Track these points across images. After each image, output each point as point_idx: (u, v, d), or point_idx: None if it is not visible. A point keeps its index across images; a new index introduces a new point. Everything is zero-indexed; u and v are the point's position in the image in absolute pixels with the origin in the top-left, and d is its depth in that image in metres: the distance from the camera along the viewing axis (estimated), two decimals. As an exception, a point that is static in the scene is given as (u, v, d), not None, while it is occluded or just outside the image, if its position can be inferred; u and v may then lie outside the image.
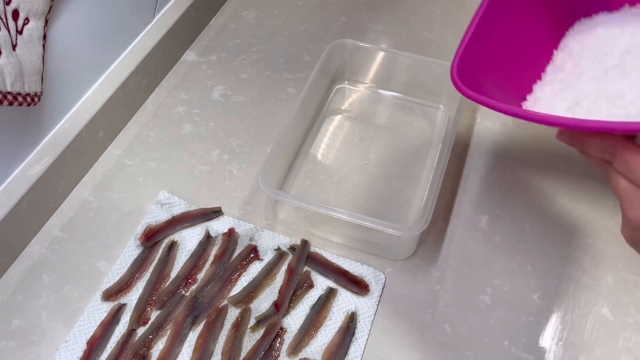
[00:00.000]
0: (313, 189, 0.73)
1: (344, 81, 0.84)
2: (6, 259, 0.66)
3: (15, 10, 0.56)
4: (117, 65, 0.77)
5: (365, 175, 0.74)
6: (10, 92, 0.57)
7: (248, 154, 0.77)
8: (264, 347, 0.60)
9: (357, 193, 0.72)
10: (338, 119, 0.80)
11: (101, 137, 0.75)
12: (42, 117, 0.67)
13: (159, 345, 0.61)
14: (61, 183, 0.71)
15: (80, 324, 0.62)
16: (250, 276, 0.66)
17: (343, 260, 0.66)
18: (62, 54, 0.66)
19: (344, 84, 0.84)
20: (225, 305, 0.63)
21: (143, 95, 0.82)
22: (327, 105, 0.82)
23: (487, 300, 0.64)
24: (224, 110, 0.82)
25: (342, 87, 0.84)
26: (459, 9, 0.95)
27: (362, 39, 0.90)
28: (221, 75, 0.86)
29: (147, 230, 0.68)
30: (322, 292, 0.64)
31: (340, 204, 0.69)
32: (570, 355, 0.60)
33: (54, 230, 0.69)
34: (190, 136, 0.79)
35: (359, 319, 0.62)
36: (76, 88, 0.72)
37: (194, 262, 0.66)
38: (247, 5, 0.97)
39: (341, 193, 0.72)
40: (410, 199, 0.71)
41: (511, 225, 0.70)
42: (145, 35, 0.81)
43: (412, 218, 0.70)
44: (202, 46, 0.90)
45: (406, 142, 0.77)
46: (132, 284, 0.65)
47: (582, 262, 0.66)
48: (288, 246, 0.68)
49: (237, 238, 0.68)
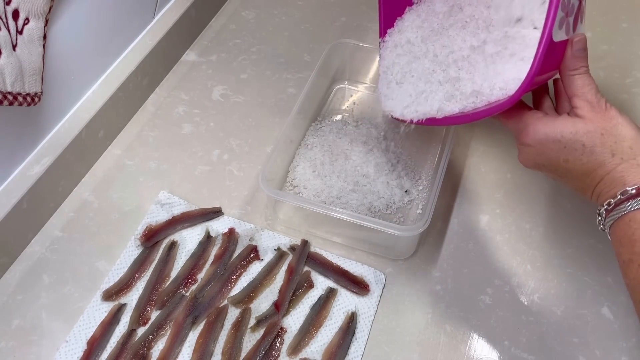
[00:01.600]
0: None
1: (344, 81, 0.84)
2: (6, 259, 0.66)
3: (15, 10, 0.56)
4: (117, 65, 0.77)
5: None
6: (10, 92, 0.57)
7: (248, 154, 0.77)
8: (264, 347, 0.60)
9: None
10: (338, 118, 0.79)
11: (101, 137, 0.75)
12: (42, 117, 0.67)
13: (159, 345, 0.61)
14: (61, 183, 0.71)
15: (80, 324, 0.62)
16: (250, 276, 0.66)
17: (343, 260, 0.66)
18: (62, 54, 0.66)
19: (344, 84, 0.84)
20: (226, 305, 0.63)
21: (143, 95, 0.82)
22: (327, 105, 0.82)
23: (487, 300, 0.64)
24: (224, 110, 0.82)
25: (342, 87, 0.84)
26: (459, 9, 0.95)
27: (362, 39, 0.90)
28: (221, 75, 0.86)
29: (147, 230, 0.68)
30: (322, 292, 0.64)
31: (341, 204, 0.69)
32: (570, 355, 0.60)
33: (54, 230, 0.69)
34: (190, 136, 0.79)
35: (359, 319, 0.62)
36: (76, 88, 0.72)
37: (194, 262, 0.66)
38: (247, 5, 0.96)
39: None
40: (411, 198, 0.71)
41: (511, 225, 0.70)
42: (145, 35, 0.81)
43: (412, 218, 0.70)
44: (202, 46, 0.90)
45: (407, 142, 0.77)
46: (132, 284, 0.65)
47: (582, 262, 0.66)
48: (288, 246, 0.68)
49: (237, 238, 0.68)
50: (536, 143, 0.52)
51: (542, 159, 0.53)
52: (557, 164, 0.52)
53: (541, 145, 0.52)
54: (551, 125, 0.51)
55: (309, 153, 0.74)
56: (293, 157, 0.75)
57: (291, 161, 0.74)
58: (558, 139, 0.51)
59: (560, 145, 0.51)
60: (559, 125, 0.51)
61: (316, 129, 0.78)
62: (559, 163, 0.52)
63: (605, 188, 0.50)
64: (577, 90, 0.51)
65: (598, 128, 0.50)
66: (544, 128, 0.52)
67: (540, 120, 0.52)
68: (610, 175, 0.50)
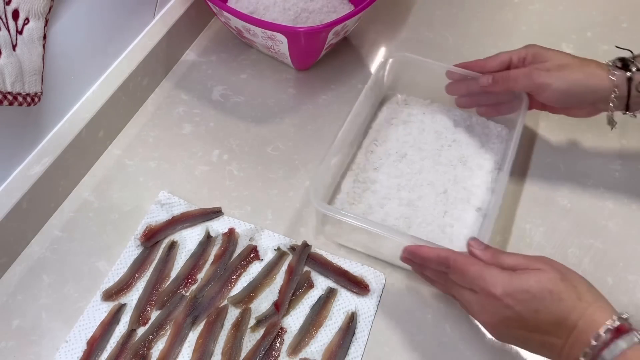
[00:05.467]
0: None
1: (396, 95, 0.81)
2: (6, 259, 0.66)
3: (15, 10, 0.56)
4: (117, 65, 0.77)
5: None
6: (10, 92, 0.57)
7: (248, 154, 0.77)
8: (264, 347, 0.60)
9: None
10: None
11: (101, 137, 0.75)
12: (42, 117, 0.67)
13: (159, 345, 0.61)
14: (61, 183, 0.71)
15: (80, 324, 0.62)
16: (250, 276, 0.66)
17: (343, 261, 0.66)
18: (62, 54, 0.66)
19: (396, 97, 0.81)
20: (225, 305, 0.63)
21: (143, 95, 0.82)
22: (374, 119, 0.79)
23: (487, 300, 0.64)
24: (224, 110, 0.82)
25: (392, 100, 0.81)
26: (459, 9, 0.95)
27: (362, 38, 0.90)
28: (221, 75, 0.86)
29: (147, 230, 0.68)
30: (322, 292, 0.64)
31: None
32: None
33: (54, 230, 0.69)
34: (190, 136, 0.79)
35: (359, 319, 0.62)
36: (76, 88, 0.72)
37: (194, 262, 0.66)
38: (247, 5, 0.96)
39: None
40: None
41: (511, 225, 0.70)
42: (145, 35, 0.81)
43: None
44: (202, 46, 0.90)
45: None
46: (132, 284, 0.65)
47: (582, 262, 0.66)
48: (288, 246, 0.68)
49: (237, 238, 0.68)
50: (504, 295, 0.49)
51: (511, 313, 0.50)
52: (528, 316, 0.49)
53: (509, 297, 0.49)
54: (517, 278, 0.50)
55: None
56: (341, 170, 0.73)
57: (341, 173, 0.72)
58: (525, 289, 0.49)
59: (530, 295, 0.49)
60: (522, 277, 0.50)
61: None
62: (529, 315, 0.49)
63: (581, 336, 0.48)
64: (514, 265, 0.51)
65: (557, 273, 0.50)
66: (509, 280, 0.50)
67: (503, 274, 0.51)
68: (583, 320, 0.48)
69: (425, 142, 0.75)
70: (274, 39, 0.76)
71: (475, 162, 0.73)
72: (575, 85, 0.64)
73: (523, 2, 0.96)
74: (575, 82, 0.63)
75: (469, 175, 0.71)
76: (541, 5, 0.96)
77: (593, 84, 0.63)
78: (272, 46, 0.79)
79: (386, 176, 0.71)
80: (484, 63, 0.70)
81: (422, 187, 0.70)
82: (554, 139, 0.78)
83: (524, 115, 0.69)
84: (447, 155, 0.73)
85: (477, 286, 0.52)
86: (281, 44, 0.77)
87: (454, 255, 0.54)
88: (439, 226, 0.67)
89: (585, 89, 0.64)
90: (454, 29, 0.91)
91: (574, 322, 0.48)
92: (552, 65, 0.65)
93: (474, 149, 0.74)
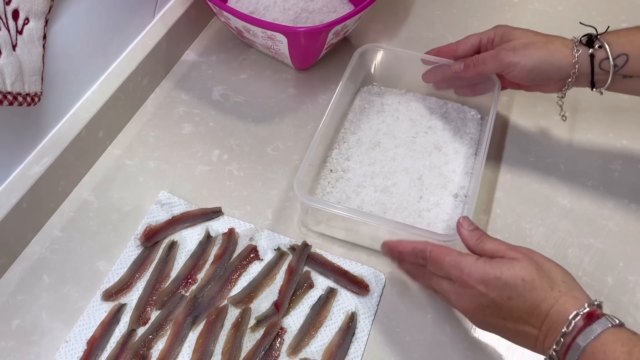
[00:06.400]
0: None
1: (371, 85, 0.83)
2: (6, 259, 0.66)
3: (15, 10, 0.56)
4: (117, 65, 0.77)
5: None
6: (10, 92, 0.57)
7: (248, 154, 0.77)
8: (264, 347, 0.60)
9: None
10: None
11: (101, 137, 0.75)
12: (42, 117, 0.67)
13: (159, 345, 0.61)
14: (61, 183, 0.71)
15: (80, 324, 0.62)
16: (250, 276, 0.66)
17: (343, 261, 0.66)
18: (62, 54, 0.66)
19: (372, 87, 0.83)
20: (225, 305, 0.63)
21: (143, 95, 0.82)
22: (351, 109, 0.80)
23: (487, 300, 0.64)
24: (224, 110, 0.82)
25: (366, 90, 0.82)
26: (459, 9, 0.95)
27: (362, 38, 0.90)
28: (221, 75, 0.86)
29: (147, 230, 0.68)
30: (322, 292, 0.64)
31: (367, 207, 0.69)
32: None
33: (54, 230, 0.69)
34: (190, 136, 0.79)
35: (359, 319, 0.62)
36: (76, 88, 0.72)
37: (194, 262, 0.66)
38: (247, 5, 0.96)
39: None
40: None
41: (511, 225, 0.70)
42: (145, 35, 0.81)
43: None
44: (202, 46, 0.90)
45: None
46: (132, 284, 0.65)
47: (582, 262, 0.66)
48: (288, 246, 0.68)
49: (237, 238, 0.68)
50: (478, 282, 0.51)
51: (485, 300, 0.51)
52: (501, 302, 0.50)
53: (483, 284, 0.51)
54: (489, 265, 0.51)
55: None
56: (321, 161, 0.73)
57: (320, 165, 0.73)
58: (498, 275, 0.50)
59: (501, 282, 0.50)
60: (496, 264, 0.51)
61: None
62: (502, 301, 0.50)
63: (553, 325, 0.48)
64: (494, 251, 0.53)
65: (532, 263, 0.50)
66: (483, 267, 0.51)
67: (477, 262, 0.52)
68: (555, 309, 0.48)
69: (399, 129, 0.76)
70: (273, 39, 0.76)
71: (451, 147, 0.74)
72: (541, 63, 0.65)
73: (523, 2, 0.96)
74: (540, 59, 0.65)
75: (444, 161, 0.73)
76: (541, 5, 0.96)
77: (557, 61, 0.65)
78: (272, 46, 0.79)
79: (359, 164, 0.73)
80: (455, 47, 0.72)
81: (397, 173, 0.72)
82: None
83: (497, 98, 0.71)
84: (422, 142, 0.75)
85: (453, 275, 0.53)
86: (281, 44, 0.77)
87: (430, 246, 0.55)
88: (415, 211, 0.68)
89: (549, 66, 0.65)
90: (454, 29, 0.91)
91: (546, 310, 0.49)
92: (518, 44, 0.66)
93: (450, 135, 0.76)
